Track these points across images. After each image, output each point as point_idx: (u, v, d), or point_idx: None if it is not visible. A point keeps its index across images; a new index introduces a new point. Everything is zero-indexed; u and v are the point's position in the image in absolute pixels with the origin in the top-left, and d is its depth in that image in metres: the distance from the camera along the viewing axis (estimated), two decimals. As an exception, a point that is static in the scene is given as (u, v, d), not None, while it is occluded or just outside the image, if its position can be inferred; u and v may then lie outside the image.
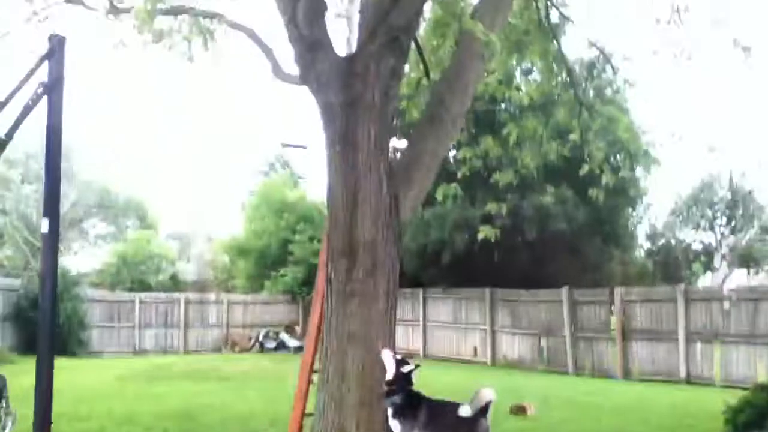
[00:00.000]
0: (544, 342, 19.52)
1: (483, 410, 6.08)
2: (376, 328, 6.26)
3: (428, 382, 14.35)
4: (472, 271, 21.68)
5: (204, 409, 10.59)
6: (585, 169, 10.20)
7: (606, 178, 10.04)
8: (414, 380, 6.22)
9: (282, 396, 9.91)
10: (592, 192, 10.70)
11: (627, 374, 17.31)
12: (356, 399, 6.11)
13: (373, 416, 6.10)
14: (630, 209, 25.33)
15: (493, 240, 11.46)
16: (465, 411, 5.99)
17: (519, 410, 10.50)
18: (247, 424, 9.29)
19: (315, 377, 6.61)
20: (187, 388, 13.75)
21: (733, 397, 13.82)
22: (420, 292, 23.12)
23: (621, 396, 13.11)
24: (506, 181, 10.50)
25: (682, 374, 16.22)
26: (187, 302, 25.01)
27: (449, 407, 6.29)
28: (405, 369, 6.18)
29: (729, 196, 32.80)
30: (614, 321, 17.94)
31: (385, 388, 6.12)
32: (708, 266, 33.82)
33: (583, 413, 10.84)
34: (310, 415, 6.51)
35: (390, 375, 6.16)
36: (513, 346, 20.41)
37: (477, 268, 21.70)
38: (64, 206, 43.25)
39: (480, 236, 11.08)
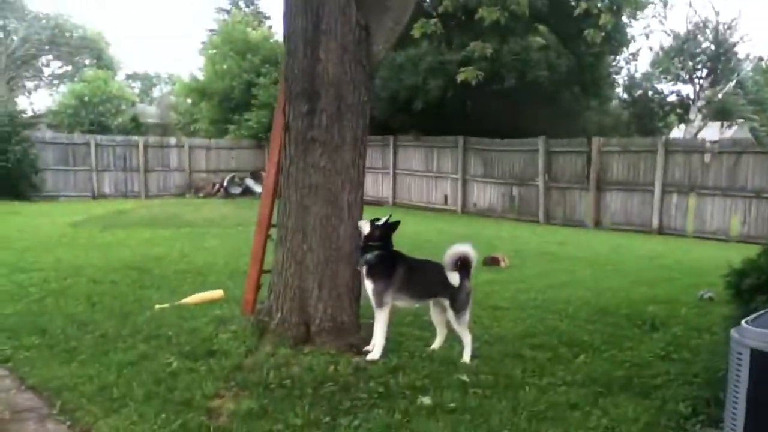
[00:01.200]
0: (516, 191, 19.10)
1: (463, 271, 5.45)
2: (341, 181, 5.42)
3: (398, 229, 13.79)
4: (446, 119, 20.76)
5: (158, 261, 9.92)
6: (582, 6, 9.10)
7: (603, 19, 8.98)
8: (392, 236, 5.56)
9: (245, 246, 9.26)
10: (588, 33, 9.66)
11: (598, 224, 17.09)
12: (319, 258, 5.38)
13: (338, 277, 5.42)
14: (612, 58, 24.21)
15: (473, 83, 10.49)
16: (454, 279, 5.36)
17: (492, 262, 10.04)
18: (203, 278, 8.66)
19: (274, 232, 5.84)
20: (144, 235, 13.05)
21: (703, 248, 13.82)
22: (390, 139, 22.26)
23: (594, 247, 12.80)
24: (492, 19, 9.33)
25: (655, 225, 16.02)
26: (147, 146, 23.84)
27: (429, 268, 5.67)
28: (380, 223, 5.46)
29: (713, 48, 31.68)
30: (590, 171, 17.44)
31: (360, 245, 5.46)
32: (683, 119, 33.40)
33: (558, 265, 10.46)
34: (269, 272, 5.81)
35: (365, 232, 5.47)
36: (484, 195, 19.99)
37: (450, 116, 20.76)
38: (13, 42, 40.54)
39: (460, 78, 10.06)
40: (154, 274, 8.85)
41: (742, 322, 3.59)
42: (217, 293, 7.37)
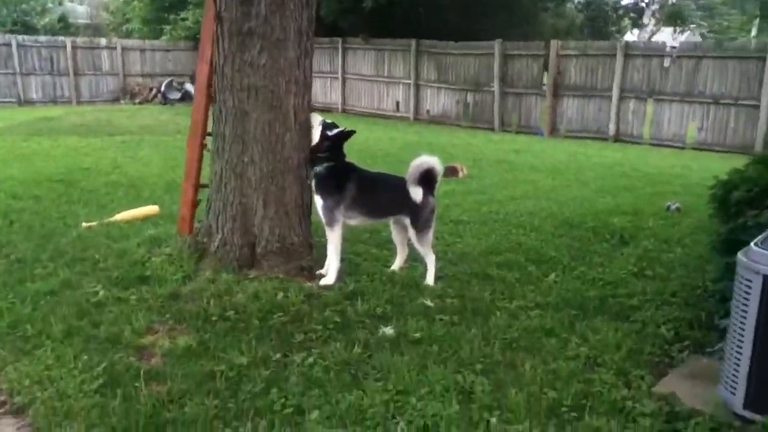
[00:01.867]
0: (470, 97, 18.44)
1: (427, 186, 4.90)
2: (285, 81, 4.69)
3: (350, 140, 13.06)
4: (397, 21, 19.68)
5: (87, 173, 9.06)
6: None
7: None
8: (345, 146, 4.95)
9: (184, 156, 8.44)
10: None
11: (554, 132, 16.70)
12: (262, 171, 4.72)
13: (285, 192, 4.78)
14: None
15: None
16: (416, 195, 4.80)
17: (450, 172, 9.51)
18: (136, 191, 7.89)
19: (210, 141, 5.12)
20: (74, 145, 12.03)
21: (660, 155, 13.61)
22: (339, 41, 21.10)
23: (552, 155, 12.41)
24: None
25: (611, 132, 15.70)
26: (75, 47, 22.03)
27: (387, 183, 5.10)
28: (332, 132, 4.82)
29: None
30: (546, 76, 16.86)
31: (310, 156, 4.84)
32: (636, 23, 32.84)
33: (517, 174, 10.02)
34: (207, 186, 5.13)
35: (315, 140, 4.82)
36: (437, 101, 19.27)
37: (402, 17, 19.70)
38: None
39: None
40: (82, 188, 8.03)
41: (752, 244, 3.16)
42: (152, 209, 6.67)
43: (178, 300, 4.33)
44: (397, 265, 5.13)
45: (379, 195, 5.04)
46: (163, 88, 22.23)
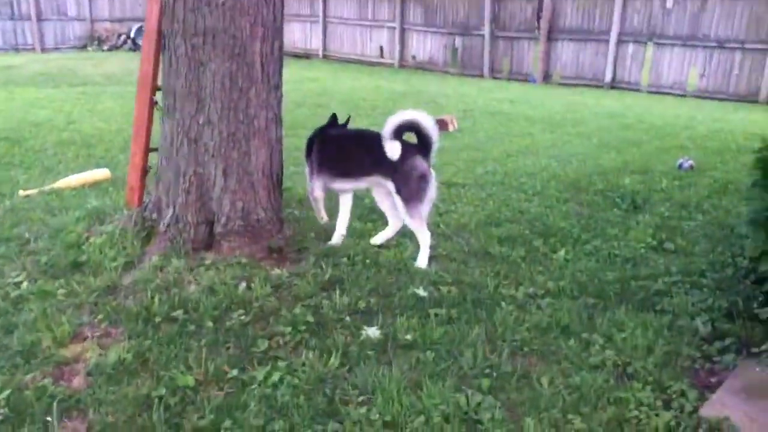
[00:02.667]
0: (459, 42, 17.43)
1: (413, 146, 4.16)
2: (249, 24, 3.84)
3: (329, 86, 12.14)
4: (382, -44, 18.48)
5: (37, 128, 8.15)
6: None
7: None
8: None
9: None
10: None
11: (547, 78, 15.82)
12: (221, 134, 3.91)
13: (250, 159, 3.99)
14: None
15: None
16: (391, 150, 4.04)
17: (439, 125, 8.67)
18: (88, 151, 7.03)
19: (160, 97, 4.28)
20: (30, 97, 11.02)
21: (661, 104, 12.81)
22: (320, -19, 19.87)
23: (548, 105, 11.58)
24: None
25: (608, 78, 14.86)
26: (37, -11, 20.59)
27: (358, 138, 4.39)
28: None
29: None
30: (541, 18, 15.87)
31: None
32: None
33: (513, 127, 9.22)
34: (157, 150, 4.31)
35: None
36: (424, 46, 18.24)
37: (387, -48, 18.49)
38: None
39: None
40: (28, 147, 7.16)
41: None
42: (101, 173, 5.86)
43: (115, 294, 3.57)
44: (381, 237, 4.40)
45: (348, 152, 4.35)
46: (132, 34, 20.91)
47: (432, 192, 4.21)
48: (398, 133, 4.06)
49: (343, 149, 4.40)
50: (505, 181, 6.21)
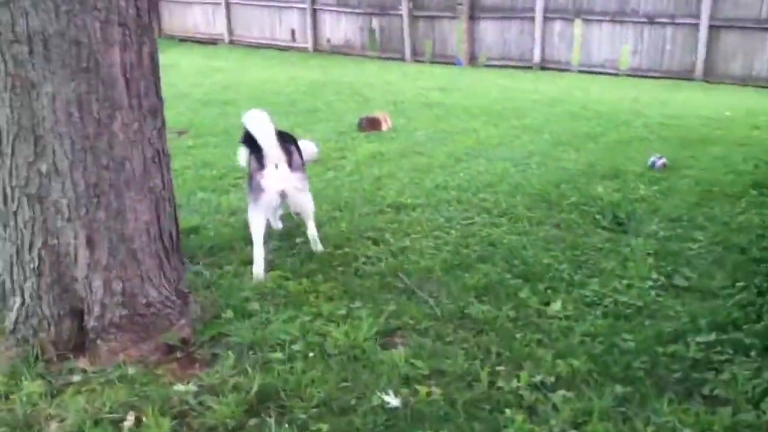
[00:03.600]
0: (376, 23, 16.25)
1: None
2: (101, 21, 2.62)
3: (237, 78, 10.72)
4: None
5: None
6: None
7: None
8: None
9: None
10: None
11: (473, 60, 14.92)
12: (76, 186, 2.66)
13: (126, 218, 2.75)
14: None
15: None
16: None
17: (370, 125, 7.58)
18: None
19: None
20: None
21: (597, 85, 12.10)
22: (221, -41, 18.19)
23: (481, 92, 10.63)
24: None
25: (536, 58, 14.09)
26: None
27: None
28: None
29: None
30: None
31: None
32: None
33: (452, 122, 8.19)
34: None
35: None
36: (338, 27, 16.95)
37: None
38: None
39: None
40: None
41: None
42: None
43: None
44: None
45: None
46: None
47: (265, 197, 3.79)
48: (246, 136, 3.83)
49: None
50: (461, 197, 5.15)
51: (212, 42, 18.74)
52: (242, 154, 4.01)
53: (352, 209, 4.87)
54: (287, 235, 4.31)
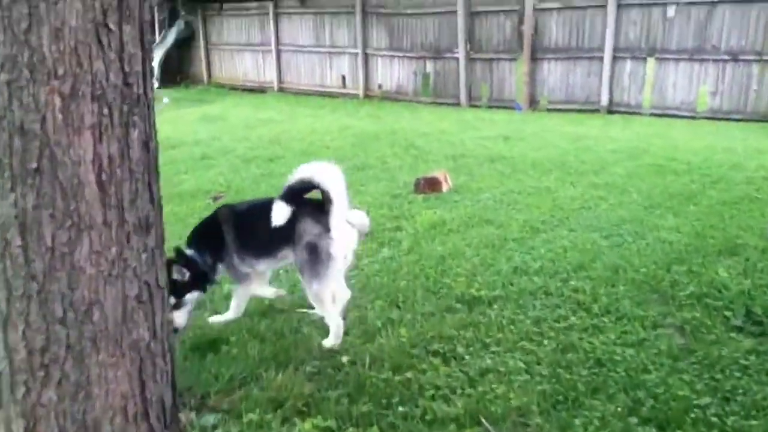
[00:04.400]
0: (430, 67, 15.49)
1: (310, 208, 3.39)
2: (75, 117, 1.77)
3: (284, 130, 10.02)
4: (337, -24, 16.55)
5: None
6: None
7: None
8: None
9: None
10: None
11: (533, 104, 13.95)
12: (22, 350, 1.78)
13: (90, 396, 1.86)
14: None
15: None
16: (276, 213, 3.29)
17: (429, 186, 6.66)
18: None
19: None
20: None
21: (676, 130, 10.92)
22: (269, 5, 17.85)
23: (549, 140, 9.61)
24: None
25: (604, 101, 13.02)
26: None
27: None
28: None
29: None
30: (522, 36, 14.02)
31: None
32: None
33: (521, 179, 7.20)
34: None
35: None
36: (391, 73, 16.25)
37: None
38: None
39: None
40: None
41: None
42: None
43: None
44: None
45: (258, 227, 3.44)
46: None
47: (336, 263, 3.36)
48: (292, 194, 3.31)
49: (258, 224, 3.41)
50: (548, 286, 4.15)
51: (261, 90, 18.33)
52: (283, 213, 3.27)
53: (413, 306, 3.92)
54: (328, 356, 3.36)
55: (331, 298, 3.40)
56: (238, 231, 3.45)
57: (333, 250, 3.31)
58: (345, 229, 3.35)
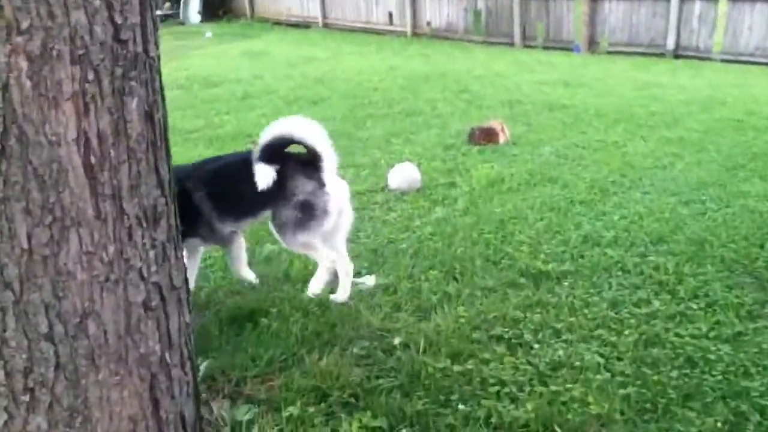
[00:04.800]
0: (482, 3, 14.64)
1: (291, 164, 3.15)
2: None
3: (329, 69, 9.57)
4: None
5: None
6: None
7: None
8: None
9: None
10: None
11: (592, 46, 13.09)
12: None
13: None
14: None
15: None
16: (260, 175, 3.04)
17: (484, 136, 6.15)
18: None
19: None
20: None
21: (754, 78, 10.06)
22: (315, -64, 17.02)
23: (612, 87, 8.92)
24: None
25: (670, 45, 12.13)
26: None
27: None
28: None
29: None
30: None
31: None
32: None
33: (585, 130, 6.64)
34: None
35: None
36: (440, 9, 15.43)
37: None
38: None
39: None
40: None
41: None
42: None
43: None
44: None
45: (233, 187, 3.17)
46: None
47: (331, 219, 3.17)
48: (270, 150, 3.05)
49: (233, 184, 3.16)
50: (624, 261, 3.68)
51: (306, 25, 17.68)
52: (265, 174, 2.99)
53: (472, 278, 3.51)
54: (377, 336, 2.98)
55: (322, 244, 3.19)
56: (215, 199, 3.07)
57: (330, 207, 3.14)
58: (338, 183, 3.19)
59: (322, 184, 3.11)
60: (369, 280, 3.46)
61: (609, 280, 3.48)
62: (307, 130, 3.08)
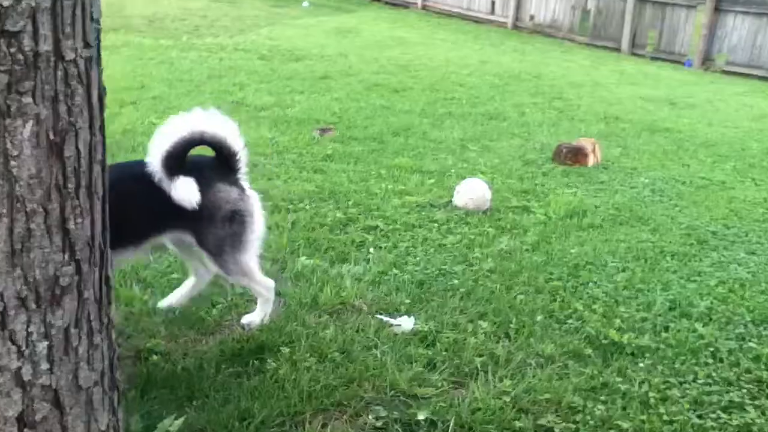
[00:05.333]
0: (592, 3, 13.71)
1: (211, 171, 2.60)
2: None
3: (418, 56, 9.06)
4: None
5: None
6: None
7: None
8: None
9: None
10: None
11: (707, 63, 12.00)
12: None
13: None
14: None
15: None
16: (180, 194, 2.44)
17: (571, 156, 5.50)
18: None
19: None
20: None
21: None
22: None
23: (727, 115, 7.99)
24: None
25: (798, 72, 10.95)
26: None
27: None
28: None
29: None
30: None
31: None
32: None
33: (687, 161, 5.88)
34: None
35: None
36: (546, 4, 14.59)
37: None
38: None
39: None
40: None
41: None
42: None
43: None
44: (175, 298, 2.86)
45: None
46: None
47: (256, 229, 2.69)
48: (176, 158, 2.43)
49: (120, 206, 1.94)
50: (717, 344, 3.02)
51: (404, 5, 17.13)
52: (188, 188, 2.44)
53: (528, 339, 2.94)
54: (402, 403, 2.48)
55: (258, 267, 2.75)
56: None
57: (256, 212, 2.69)
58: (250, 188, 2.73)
59: (243, 190, 2.65)
60: (406, 323, 2.96)
61: (695, 369, 2.84)
62: (221, 128, 2.56)
